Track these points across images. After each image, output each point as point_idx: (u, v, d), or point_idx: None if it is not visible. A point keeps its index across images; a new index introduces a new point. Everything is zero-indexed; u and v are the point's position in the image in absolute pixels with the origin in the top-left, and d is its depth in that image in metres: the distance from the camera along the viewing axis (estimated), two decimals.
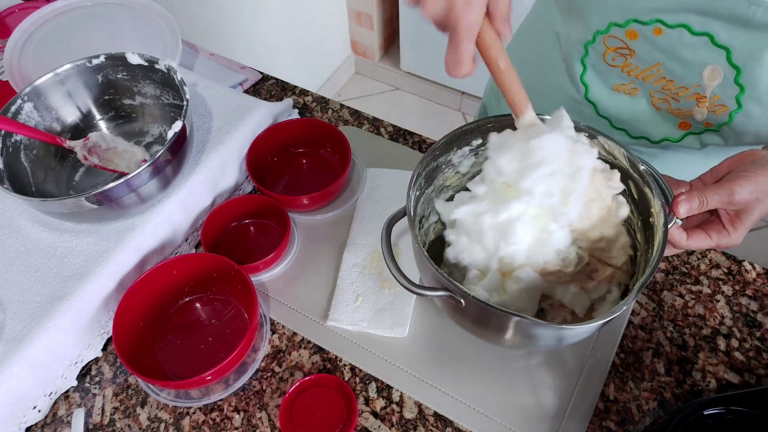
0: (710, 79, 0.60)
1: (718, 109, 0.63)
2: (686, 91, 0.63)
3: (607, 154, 0.61)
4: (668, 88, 0.65)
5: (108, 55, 0.72)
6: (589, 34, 0.66)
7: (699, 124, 0.67)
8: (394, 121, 0.90)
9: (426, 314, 0.67)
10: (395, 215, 0.59)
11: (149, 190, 0.65)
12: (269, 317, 0.68)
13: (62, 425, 0.62)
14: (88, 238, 0.66)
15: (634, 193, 0.60)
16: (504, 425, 0.59)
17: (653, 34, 0.60)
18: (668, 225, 0.54)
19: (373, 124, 0.87)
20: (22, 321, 0.60)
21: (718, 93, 0.61)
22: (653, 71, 0.64)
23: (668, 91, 0.65)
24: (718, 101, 0.62)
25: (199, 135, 0.76)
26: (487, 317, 0.53)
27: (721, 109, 0.62)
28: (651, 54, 0.62)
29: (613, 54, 0.65)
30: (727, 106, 0.62)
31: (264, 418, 0.61)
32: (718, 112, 0.63)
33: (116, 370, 0.65)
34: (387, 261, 0.55)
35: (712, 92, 0.61)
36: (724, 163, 0.58)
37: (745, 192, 0.53)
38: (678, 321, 0.66)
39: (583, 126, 0.60)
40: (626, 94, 0.69)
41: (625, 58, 0.65)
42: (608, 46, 0.65)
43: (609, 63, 0.67)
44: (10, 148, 0.67)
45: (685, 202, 0.54)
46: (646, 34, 0.61)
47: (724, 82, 0.60)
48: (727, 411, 0.56)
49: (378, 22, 2.27)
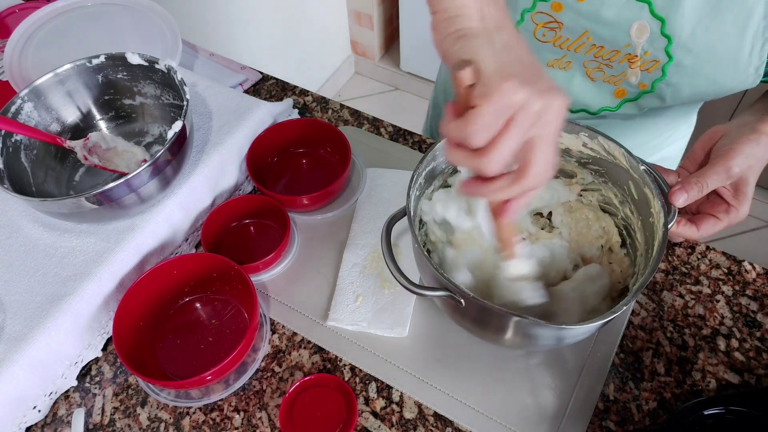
0: (638, 36, 0.62)
1: (651, 65, 0.64)
2: (617, 54, 0.64)
3: (607, 155, 0.61)
4: (600, 55, 0.66)
5: (108, 55, 0.72)
6: (517, 15, 0.67)
7: (634, 89, 0.68)
8: (394, 121, 0.90)
9: (426, 314, 0.67)
10: (395, 215, 0.59)
11: (149, 190, 0.65)
12: (269, 317, 0.68)
13: (62, 425, 0.62)
14: (88, 238, 0.66)
15: (634, 194, 0.60)
16: (504, 425, 0.59)
17: (576, 2, 0.62)
18: (668, 225, 0.54)
19: (373, 124, 0.87)
20: (22, 321, 0.60)
21: (648, 48, 0.62)
22: (583, 39, 0.65)
23: (600, 58, 0.66)
24: (649, 57, 0.63)
25: (199, 135, 0.76)
26: (487, 317, 0.53)
27: (653, 65, 0.64)
28: (578, 22, 0.64)
29: (542, 30, 0.67)
30: (658, 61, 0.63)
31: (264, 418, 0.61)
32: (651, 68, 0.64)
33: (116, 370, 0.65)
34: (387, 261, 0.55)
35: (642, 49, 0.62)
36: (696, 147, 0.60)
37: (739, 164, 0.55)
38: (678, 321, 0.66)
39: (582, 126, 0.60)
40: (561, 69, 0.71)
41: (555, 31, 0.66)
42: (536, 22, 0.66)
43: (540, 39, 0.68)
44: (10, 148, 0.67)
45: (682, 192, 0.55)
46: (570, 3, 0.62)
47: (652, 36, 0.61)
48: (727, 411, 0.56)
49: (378, 22, 2.27)
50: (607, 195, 0.65)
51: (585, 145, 0.62)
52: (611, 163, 0.61)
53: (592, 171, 0.64)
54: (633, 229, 0.62)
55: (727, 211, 0.57)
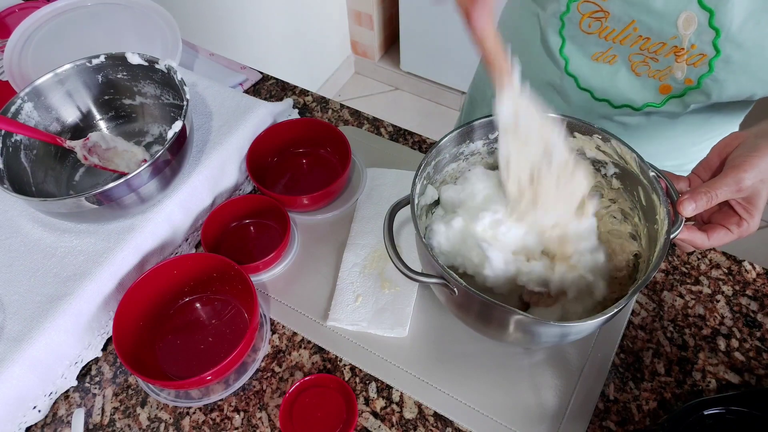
0: (685, 27, 0.60)
1: (698, 60, 0.63)
2: (664, 46, 0.63)
3: (619, 158, 0.61)
4: (646, 48, 0.65)
5: (108, 55, 0.72)
6: (563, 5, 0.67)
7: (680, 84, 0.67)
8: (394, 121, 0.90)
9: (426, 314, 0.67)
10: (399, 202, 0.59)
11: (149, 190, 0.65)
12: (269, 317, 0.68)
13: (62, 425, 0.62)
14: (88, 238, 0.66)
15: (642, 200, 0.59)
16: (504, 425, 0.59)
17: None
18: (672, 234, 0.54)
19: (373, 124, 0.87)
20: (22, 321, 0.60)
21: (695, 41, 0.61)
22: (629, 30, 0.64)
23: (646, 51, 0.65)
24: (696, 50, 0.62)
25: (199, 135, 0.76)
26: (488, 310, 0.54)
27: (700, 60, 0.62)
28: (625, 11, 0.63)
29: (588, 20, 0.66)
30: (705, 54, 0.62)
31: (264, 418, 0.61)
32: (698, 63, 0.63)
33: (116, 370, 0.65)
34: (387, 246, 0.56)
35: (689, 41, 0.61)
36: (713, 152, 0.57)
37: (751, 177, 0.53)
38: (678, 321, 0.66)
39: (597, 128, 0.60)
40: (605, 62, 0.70)
41: (601, 22, 0.65)
42: (582, 12, 0.66)
43: (585, 31, 0.67)
44: (10, 148, 0.67)
45: (690, 201, 0.54)
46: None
47: (699, 28, 0.60)
48: (727, 411, 0.56)
49: (378, 22, 2.27)
50: (624, 205, 0.64)
51: (598, 148, 0.62)
52: (623, 168, 0.61)
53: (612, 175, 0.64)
54: (638, 236, 0.62)
55: (739, 223, 0.56)
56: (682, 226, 0.55)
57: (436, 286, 0.57)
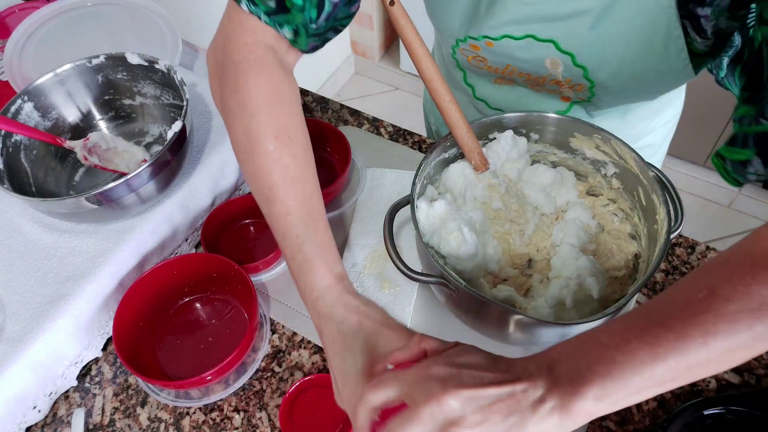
0: (553, 68, 0.63)
1: (578, 87, 0.65)
2: (545, 78, 0.66)
3: (619, 158, 0.61)
4: (531, 79, 0.67)
5: (108, 55, 0.72)
6: (450, 47, 0.70)
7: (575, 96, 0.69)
8: (394, 121, 0.90)
9: (426, 315, 0.67)
10: (399, 202, 0.59)
11: (149, 190, 0.65)
12: (269, 317, 0.68)
13: (62, 425, 0.62)
14: (88, 238, 0.66)
15: (642, 200, 0.60)
16: None
17: (487, 46, 0.65)
18: (672, 234, 0.54)
19: (373, 124, 0.87)
20: (22, 321, 0.60)
21: (568, 76, 0.63)
22: (510, 69, 0.67)
23: (532, 81, 0.68)
24: (572, 82, 0.64)
25: (199, 135, 0.76)
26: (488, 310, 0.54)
27: (580, 87, 0.65)
28: (498, 59, 0.66)
29: (474, 60, 0.69)
30: (582, 84, 0.64)
31: (264, 418, 0.61)
32: (580, 89, 0.65)
33: (116, 370, 0.65)
34: (387, 246, 0.56)
35: (563, 76, 0.63)
36: None
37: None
38: None
39: (597, 129, 0.61)
40: (507, 84, 0.73)
41: (484, 62, 0.68)
42: (466, 55, 0.69)
43: (476, 66, 0.70)
44: (10, 148, 0.67)
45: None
46: (482, 46, 0.65)
47: (566, 68, 0.62)
48: (727, 411, 0.56)
49: (378, 22, 2.27)
50: (623, 205, 0.64)
51: (598, 147, 0.62)
52: (623, 168, 0.61)
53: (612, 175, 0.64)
54: (638, 236, 0.62)
55: None
56: (681, 226, 0.55)
57: (436, 286, 0.57)
